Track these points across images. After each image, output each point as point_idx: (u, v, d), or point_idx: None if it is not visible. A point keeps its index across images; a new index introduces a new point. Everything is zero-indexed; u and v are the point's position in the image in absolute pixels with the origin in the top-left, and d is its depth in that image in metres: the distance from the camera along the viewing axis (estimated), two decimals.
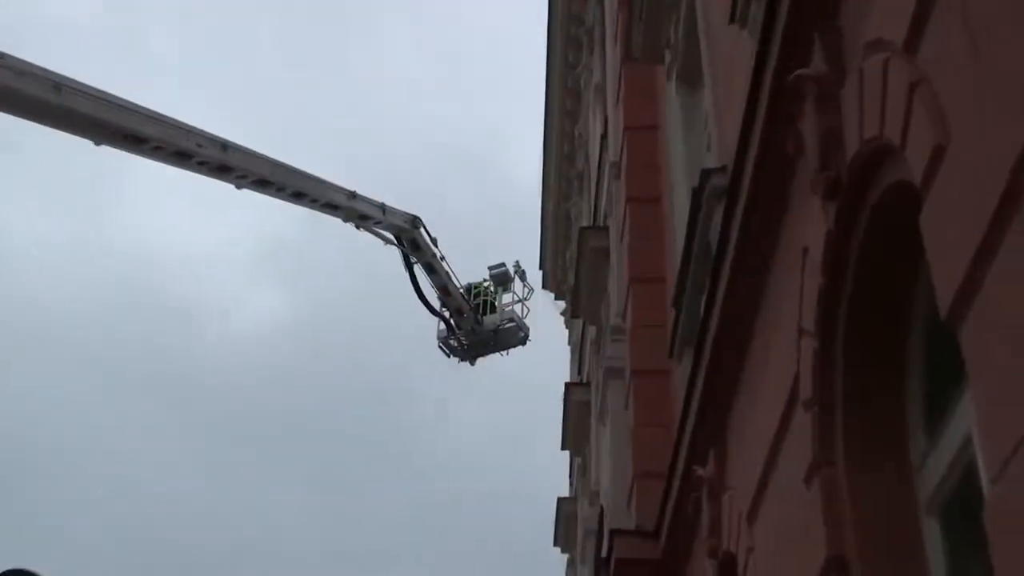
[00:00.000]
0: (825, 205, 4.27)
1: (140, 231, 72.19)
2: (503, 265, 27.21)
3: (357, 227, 21.23)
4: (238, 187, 17.96)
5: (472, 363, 26.77)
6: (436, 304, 25.26)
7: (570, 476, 20.41)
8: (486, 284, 27.05)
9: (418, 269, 23.65)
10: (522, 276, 27.02)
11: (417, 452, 67.33)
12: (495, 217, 77.69)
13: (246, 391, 67.26)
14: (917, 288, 4.03)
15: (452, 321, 25.72)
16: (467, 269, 27.01)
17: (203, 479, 63.17)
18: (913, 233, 3.41)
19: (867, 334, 4.24)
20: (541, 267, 24.64)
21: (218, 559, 57.43)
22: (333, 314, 71.08)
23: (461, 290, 25.29)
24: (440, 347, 26.36)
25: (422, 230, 22.88)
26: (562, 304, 24.14)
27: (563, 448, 18.35)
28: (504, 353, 26.84)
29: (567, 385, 17.25)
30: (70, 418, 62.45)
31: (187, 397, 66.44)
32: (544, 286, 25.13)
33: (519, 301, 26.87)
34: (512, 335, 26.46)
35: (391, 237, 22.56)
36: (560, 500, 19.73)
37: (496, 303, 26.76)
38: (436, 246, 23.58)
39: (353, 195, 20.50)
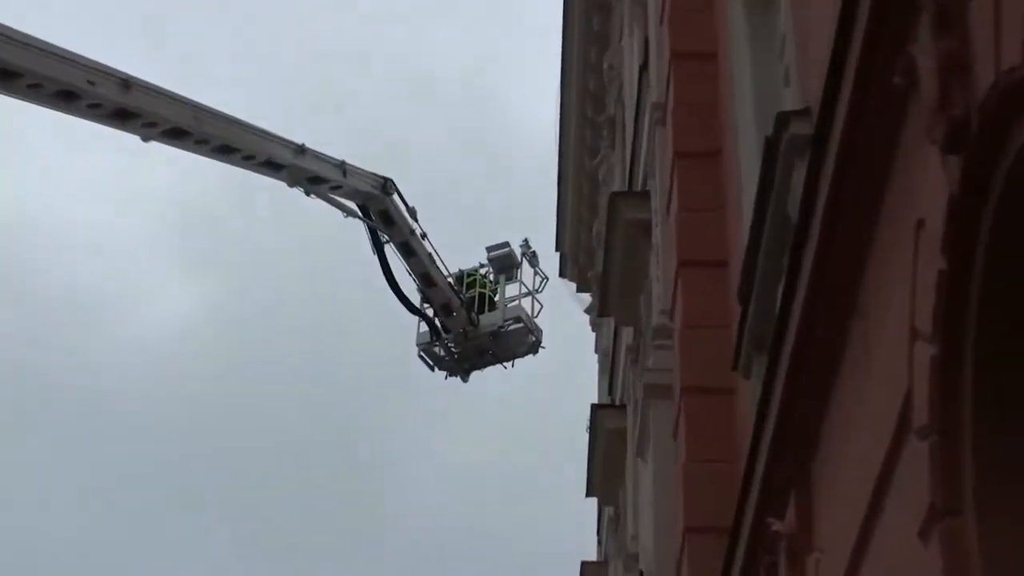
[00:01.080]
0: (947, 160, 4.26)
1: (8, 197, 72.18)
2: (506, 245, 27.26)
3: (307, 193, 21.27)
4: (144, 139, 17.98)
5: (464, 378, 26.83)
6: (416, 298, 25.29)
7: (598, 532, 20.46)
8: (484, 271, 27.08)
9: (391, 251, 23.67)
10: (532, 260, 27.06)
11: (389, 492, 67.51)
12: (495, 180, 77.74)
13: (154, 411, 67.24)
14: None
15: (438, 321, 25.75)
16: (458, 250, 27.02)
17: (84, 536, 63.13)
18: None
19: (1004, 336, 4.25)
20: (558, 248, 24.68)
21: None
22: (275, 307, 71.21)
23: (450, 279, 25.33)
24: (421, 356, 26.41)
25: (396, 197, 22.91)
26: (587, 298, 24.16)
27: (589, 494, 18.39)
28: (508, 365, 26.87)
29: (595, 408, 17.27)
30: None
31: (70, 419, 66.48)
32: (562, 273, 25.18)
33: (528, 294, 26.92)
34: (519, 340, 26.50)
35: (354, 207, 22.58)
36: (585, 565, 19.77)
37: (497, 297, 26.79)
38: (415, 219, 23.61)
39: (301, 150, 20.54)
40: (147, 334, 69.67)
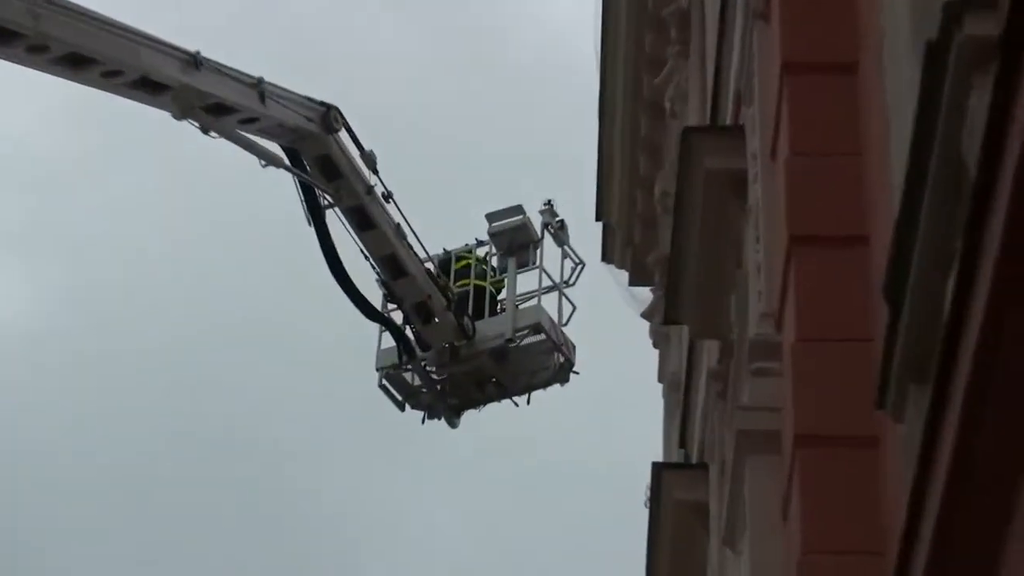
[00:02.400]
0: None
1: None
2: (519, 211, 27.26)
3: (205, 129, 21.36)
4: None
5: (452, 421, 26.86)
6: (378, 298, 25.32)
7: None
8: (483, 252, 27.16)
9: (336, 219, 23.72)
10: (559, 235, 27.10)
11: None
12: (504, 112, 78.32)
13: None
14: None
15: (410, 332, 25.76)
16: (443, 221, 27.00)
17: None
18: None
19: None
20: (599, 216, 24.69)
21: None
22: (157, 299, 72.18)
23: (429, 264, 25.38)
24: (384, 387, 26.42)
25: (342, 135, 22.95)
26: (645, 294, 24.15)
27: None
28: (521, 400, 26.90)
29: (658, 468, 17.32)
30: None
31: None
32: (605, 256, 25.17)
33: (551, 289, 26.92)
34: (537, 361, 26.57)
35: (277, 151, 22.61)
36: None
37: (504, 293, 26.85)
38: (374, 170, 23.66)
39: (195, 61, 20.69)
40: None
